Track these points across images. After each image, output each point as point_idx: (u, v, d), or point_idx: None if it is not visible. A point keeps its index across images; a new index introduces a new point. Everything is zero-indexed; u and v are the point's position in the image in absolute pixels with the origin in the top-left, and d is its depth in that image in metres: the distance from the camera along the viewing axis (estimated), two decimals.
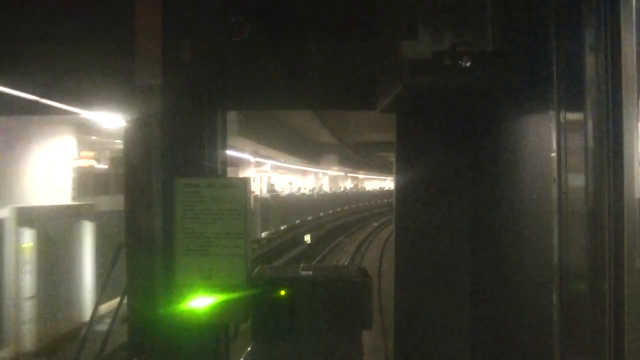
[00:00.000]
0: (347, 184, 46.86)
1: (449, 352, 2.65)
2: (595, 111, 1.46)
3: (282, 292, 2.08)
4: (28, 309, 5.23)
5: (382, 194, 49.17)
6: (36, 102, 3.04)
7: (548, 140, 1.66)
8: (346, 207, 30.77)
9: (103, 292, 2.68)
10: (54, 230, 5.73)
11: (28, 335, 5.20)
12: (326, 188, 36.15)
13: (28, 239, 5.26)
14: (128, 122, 2.22)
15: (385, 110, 2.45)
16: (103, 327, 2.72)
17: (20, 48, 2.58)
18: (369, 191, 49.44)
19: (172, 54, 2.23)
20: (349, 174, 44.04)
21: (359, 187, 51.92)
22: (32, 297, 5.25)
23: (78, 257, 6.15)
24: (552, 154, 1.63)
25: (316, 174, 35.74)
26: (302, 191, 24.38)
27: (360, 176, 51.63)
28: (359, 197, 39.50)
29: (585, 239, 1.49)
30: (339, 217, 26.29)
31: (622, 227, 1.42)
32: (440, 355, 2.66)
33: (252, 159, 17.07)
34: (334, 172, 35.60)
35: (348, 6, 2.60)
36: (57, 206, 6.98)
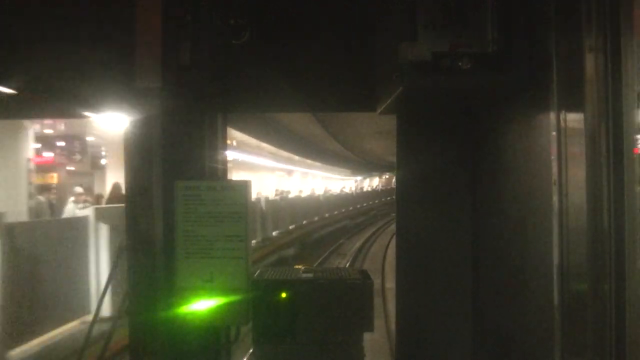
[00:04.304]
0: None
1: (450, 353, 2.65)
2: (596, 112, 1.46)
3: (283, 295, 2.08)
4: None
5: None
6: (40, 104, 3.05)
7: (548, 142, 1.66)
8: None
9: (104, 295, 2.68)
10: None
11: None
12: None
13: None
14: (128, 124, 2.23)
15: (386, 112, 2.46)
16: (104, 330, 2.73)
17: (24, 50, 2.58)
18: None
19: (172, 57, 2.24)
20: None
21: None
22: None
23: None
24: (552, 155, 1.63)
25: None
26: None
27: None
28: None
29: (586, 239, 1.49)
30: None
31: (623, 228, 1.42)
32: (442, 356, 2.66)
33: None
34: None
35: (348, 8, 2.61)
36: None
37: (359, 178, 49.63)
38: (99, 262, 6.71)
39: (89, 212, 7.00)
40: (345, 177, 45.07)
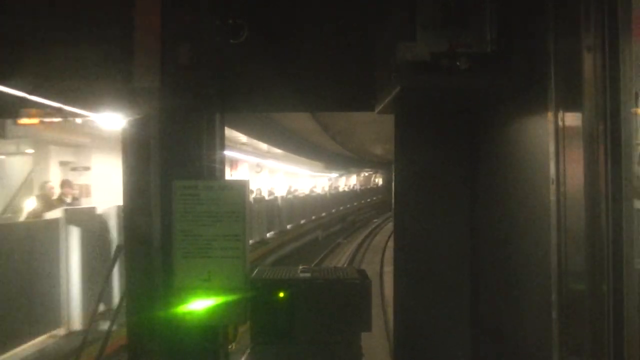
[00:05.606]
0: None
1: (449, 353, 2.64)
2: (593, 111, 1.46)
3: (281, 294, 2.08)
4: None
5: None
6: (40, 104, 3.06)
7: (546, 141, 1.66)
8: None
9: (102, 294, 2.68)
10: None
11: None
12: None
13: None
14: (127, 123, 2.23)
15: (384, 112, 2.46)
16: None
17: (24, 51, 2.59)
18: None
19: (171, 57, 2.24)
20: None
21: None
22: None
23: None
24: (550, 155, 1.63)
25: None
26: None
27: None
28: None
29: (584, 239, 1.49)
30: None
31: (621, 228, 1.42)
32: (440, 356, 2.65)
33: None
34: None
35: (347, 8, 2.61)
36: None
37: (333, 175, 40.03)
38: (70, 269, 6.00)
39: (58, 213, 6.31)
40: (316, 172, 35.14)
